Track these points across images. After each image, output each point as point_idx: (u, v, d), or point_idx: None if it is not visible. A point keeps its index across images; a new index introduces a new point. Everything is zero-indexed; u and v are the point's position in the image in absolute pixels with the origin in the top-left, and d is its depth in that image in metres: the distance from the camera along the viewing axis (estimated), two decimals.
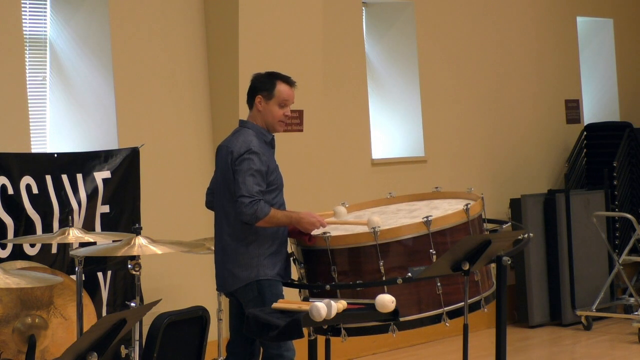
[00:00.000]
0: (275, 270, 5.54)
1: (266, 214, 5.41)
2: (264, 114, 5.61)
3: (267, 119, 5.61)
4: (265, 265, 5.52)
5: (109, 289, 6.69)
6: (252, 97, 5.64)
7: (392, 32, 9.18)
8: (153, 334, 4.97)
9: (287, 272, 5.65)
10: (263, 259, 5.51)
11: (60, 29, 7.18)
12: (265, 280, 5.51)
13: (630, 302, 9.69)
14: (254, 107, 5.64)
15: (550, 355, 8.79)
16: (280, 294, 5.53)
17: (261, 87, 5.62)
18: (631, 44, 11.35)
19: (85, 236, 5.77)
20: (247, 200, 5.39)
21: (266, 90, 5.60)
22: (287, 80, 5.66)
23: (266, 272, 5.52)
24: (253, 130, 5.60)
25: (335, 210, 5.83)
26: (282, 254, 5.59)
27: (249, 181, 5.43)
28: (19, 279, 4.66)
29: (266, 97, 5.59)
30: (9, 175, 6.23)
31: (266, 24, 7.56)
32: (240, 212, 5.42)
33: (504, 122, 9.88)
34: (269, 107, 5.60)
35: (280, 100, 5.60)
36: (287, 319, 4.95)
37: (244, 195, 5.40)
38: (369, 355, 8.45)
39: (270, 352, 5.52)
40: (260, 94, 5.60)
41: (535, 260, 9.49)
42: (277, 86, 5.61)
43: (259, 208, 5.40)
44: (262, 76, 5.69)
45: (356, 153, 8.65)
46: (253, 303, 5.49)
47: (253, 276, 5.51)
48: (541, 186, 10.07)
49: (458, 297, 5.31)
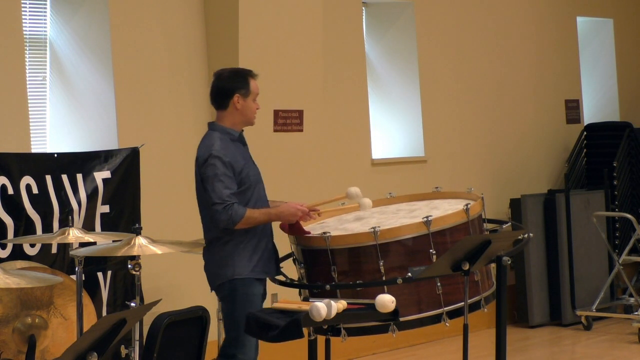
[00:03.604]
0: (251, 268, 5.53)
1: (242, 216, 5.43)
2: (243, 112, 5.64)
3: (247, 115, 5.66)
4: (240, 264, 5.52)
5: (109, 289, 6.68)
6: (227, 97, 5.63)
7: (392, 32, 9.18)
8: (153, 334, 4.97)
9: (270, 267, 5.63)
10: (238, 258, 5.52)
11: (60, 29, 7.18)
12: (239, 279, 5.51)
13: (630, 302, 9.68)
14: (229, 106, 5.62)
15: (550, 355, 8.79)
16: (254, 295, 5.52)
17: (238, 86, 5.63)
18: (631, 44, 11.35)
19: (85, 236, 5.77)
20: (220, 207, 5.41)
21: (243, 88, 5.63)
22: (254, 74, 5.73)
23: (241, 272, 5.52)
24: (218, 131, 5.61)
25: (361, 203, 5.82)
26: (260, 251, 5.57)
27: (218, 187, 5.44)
28: (19, 279, 4.66)
29: (244, 94, 5.63)
30: (9, 175, 6.23)
31: (266, 24, 7.56)
32: (217, 219, 5.44)
33: (504, 122, 9.88)
34: (247, 104, 5.64)
35: (255, 95, 5.68)
36: (287, 319, 4.95)
37: (215, 202, 5.43)
38: (369, 355, 8.45)
39: (225, 350, 5.54)
40: (237, 93, 5.61)
41: (535, 260, 9.49)
42: (251, 82, 5.67)
43: (233, 212, 5.42)
44: (232, 75, 5.68)
45: (356, 153, 8.65)
46: (224, 302, 5.52)
47: (228, 275, 5.53)
48: (541, 186, 10.07)
49: (458, 297, 5.31)
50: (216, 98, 5.67)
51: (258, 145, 7.54)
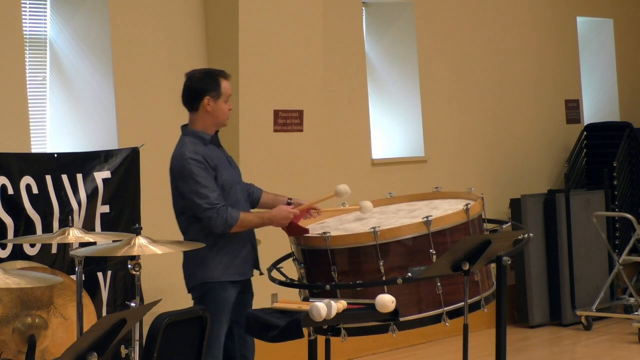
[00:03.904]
0: (224, 272, 5.50)
1: (237, 219, 5.42)
2: (214, 114, 5.56)
3: (218, 117, 5.57)
4: (213, 267, 5.50)
5: (109, 289, 6.68)
6: (197, 100, 5.56)
7: (392, 32, 9.18)
8: (153, 334, 4.96)
9: (246, 268, 5.59)
10: (212, 262, 5.50)
11: (60, 29, 7.18)
12: (210, 283, 5.50)
13: (630, 302, 9.69)
14: (200, 109, 5.56)
15: (550, 355, 8.79)
16: (226, 299, 5.50)
17: (208, 87, 5.55)
18: (631, 44, 11.35)
19: (85, 236, 5.77)
20: (212, 212, 5.39)
21: (213, 90, 5.54)
22: (226, 75, 5.64)
23: (213, 275, 5.50)
24: (190, 136, 5.56)
25: (362, 205, 5.79)
26: (236, 255, 5.54)
27: (203, 192, 5.41)
28: (19, 279, 4.65)
29: (215, 96, 5.55)
30: (9, 175, 6.22)
31: (266, 23, 7.56)
32: (212, 226, 5.42)
33: (504, 122, 9.88)
34: (218, 106, 5.56)
35: (226, 97, 5.59)
36: (287, 319, 4.95)
37: (206, 208, 5.40)
38: (369, 355, 8.45)
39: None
40: (208, 95, 5.54)
41: (535, 260, 9.49)
42: (222, 83, 5.57)
43: (228, 215, 5.41)
44: (203, 76, 5.60)
45: (356, 153, 8.65)
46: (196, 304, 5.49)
47: (199, 277, 5.53)
48: (541, 186, 10.07)
49: (458, 297, 5.31)
50: (187, 100, 5.61)
51: (258, 145, 7.56)
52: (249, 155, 7.30)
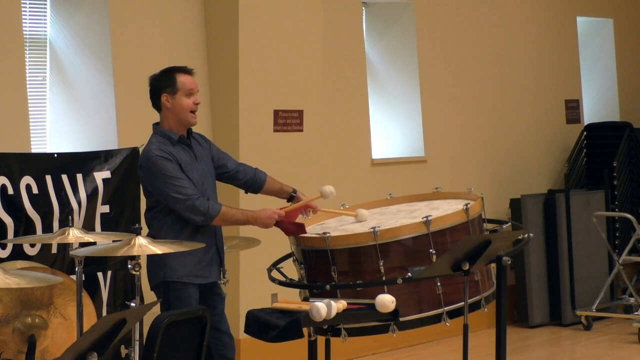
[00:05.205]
0: (185, 273, 5.46)
1: (219, 211, 5.39)
2: (174, 110, 5.51)
3: (179, 113, 5.52)
4: (173, 266, 5.47)
5: (109, 289, 6.68)
6: (157, 99, 5.54)
7: (392, 32, 9.18)
8: (153, 334, 4.96)
9: (210, 271, 5.54)
10: (173, 261, 5.45)
11: (60, 29, 7.18)
12: (172, 282, 5.46)
13: (630, 302, 9.69)
14: (162, 108, 5.54)
15: (550, 355, 8.79)
16: (187, 297, 5.46)
17: (163, 85, 5.52)
18: (631, 44, 11.35)
19: (85, 236, 5.77)
20: (190, 202, 5.34)
21: (169, 86, 5.51)
22: (185, 69, 5.58)
23: (173, 274, 5.47)
24: (158, 135, 5.53)
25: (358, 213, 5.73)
26: (199, 257, 5.49)
27: (176, 186, 5.36)
28: (19, 279, 4.65)
29: (171, 92, 5.50)
30: (9, 175, 6.22)
31: (266, 23, 7.56)
32: (192, 218, 5.38)
33: (504, 122, 9.88)
34: (176, 101, 5.51)
35: (186, 91, 5.52)
36: (287, 319, 4.95)
37: (184, 199, 5.35)
38: (369, 355, 8.45)
39: None
40: (164, 92, 5.51)
41: (535, 260, 9.49)
42: (178, 78, 5.52)
43: (210, 206, 5.38)
44: (158, 75, 5.58)
45: (356, 153, 8.64)
46: (161, 304, 5.46)
47: (160, 276, 5.50)
48: (541, 186, 10.07)
49: (458, 297, 5.30)
50: (151, 101, 5.61)
51: (258, 145, 7.56)
52: (249, 155, 7.30)
